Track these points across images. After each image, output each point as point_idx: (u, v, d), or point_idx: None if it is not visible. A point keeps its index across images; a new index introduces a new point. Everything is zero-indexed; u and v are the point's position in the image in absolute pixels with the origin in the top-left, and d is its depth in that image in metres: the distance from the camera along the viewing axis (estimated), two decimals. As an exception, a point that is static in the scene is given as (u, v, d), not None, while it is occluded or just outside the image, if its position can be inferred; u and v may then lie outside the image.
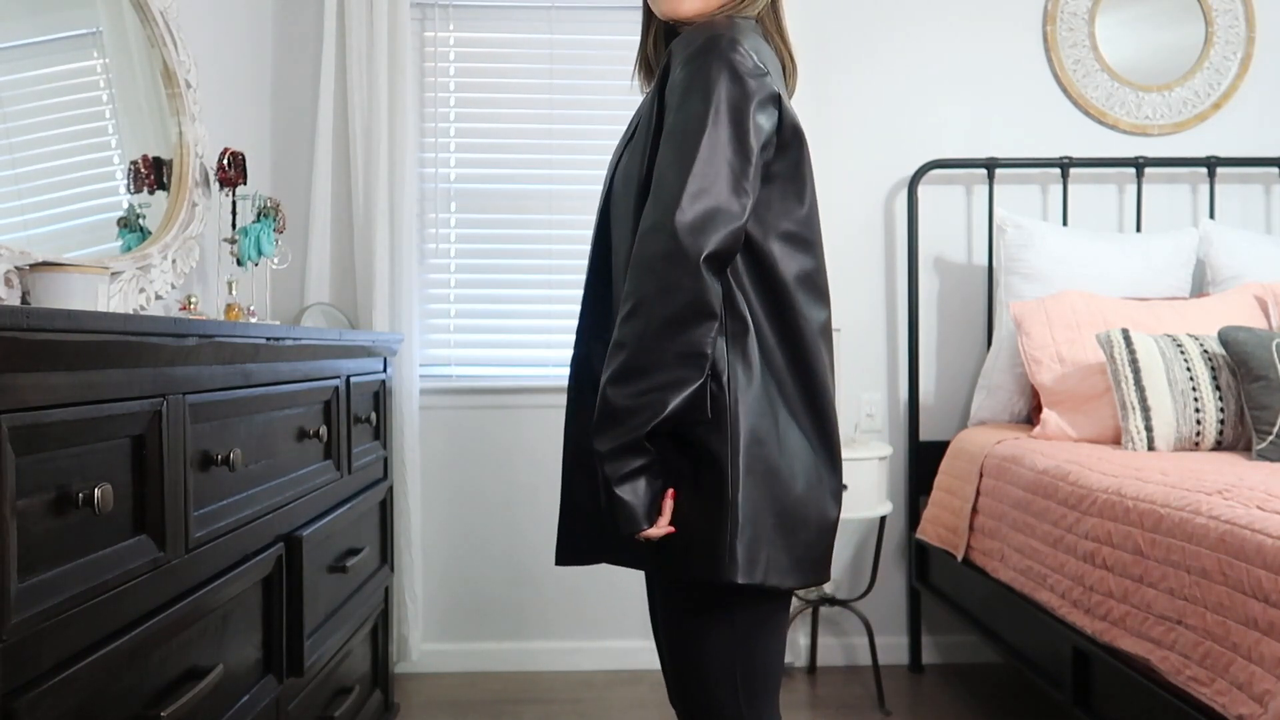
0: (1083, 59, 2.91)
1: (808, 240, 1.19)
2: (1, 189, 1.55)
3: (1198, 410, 2.11)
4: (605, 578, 2.72)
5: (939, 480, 2.62)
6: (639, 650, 2.74)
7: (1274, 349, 2.03)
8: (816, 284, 1.19)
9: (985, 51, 2.92)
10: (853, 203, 2.91)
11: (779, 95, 1.14)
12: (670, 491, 1.12)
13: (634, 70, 1.36)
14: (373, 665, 2.20)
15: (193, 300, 1.94)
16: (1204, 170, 2.86)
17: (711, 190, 1.06)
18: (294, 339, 1.56)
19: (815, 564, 1.15)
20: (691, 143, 1.07)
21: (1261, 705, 1.25)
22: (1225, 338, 2.11)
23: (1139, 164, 2.83)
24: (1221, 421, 2.11)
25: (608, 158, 1.35)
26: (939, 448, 2.71)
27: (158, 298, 1.90)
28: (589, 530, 1.25)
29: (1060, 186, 2.87)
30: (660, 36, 1.30)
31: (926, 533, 2.61)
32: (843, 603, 2.68)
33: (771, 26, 1.25)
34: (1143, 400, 2.12)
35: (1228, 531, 1.39)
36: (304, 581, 1.58)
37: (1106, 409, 2.28)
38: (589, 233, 1.31)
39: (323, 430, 1.72)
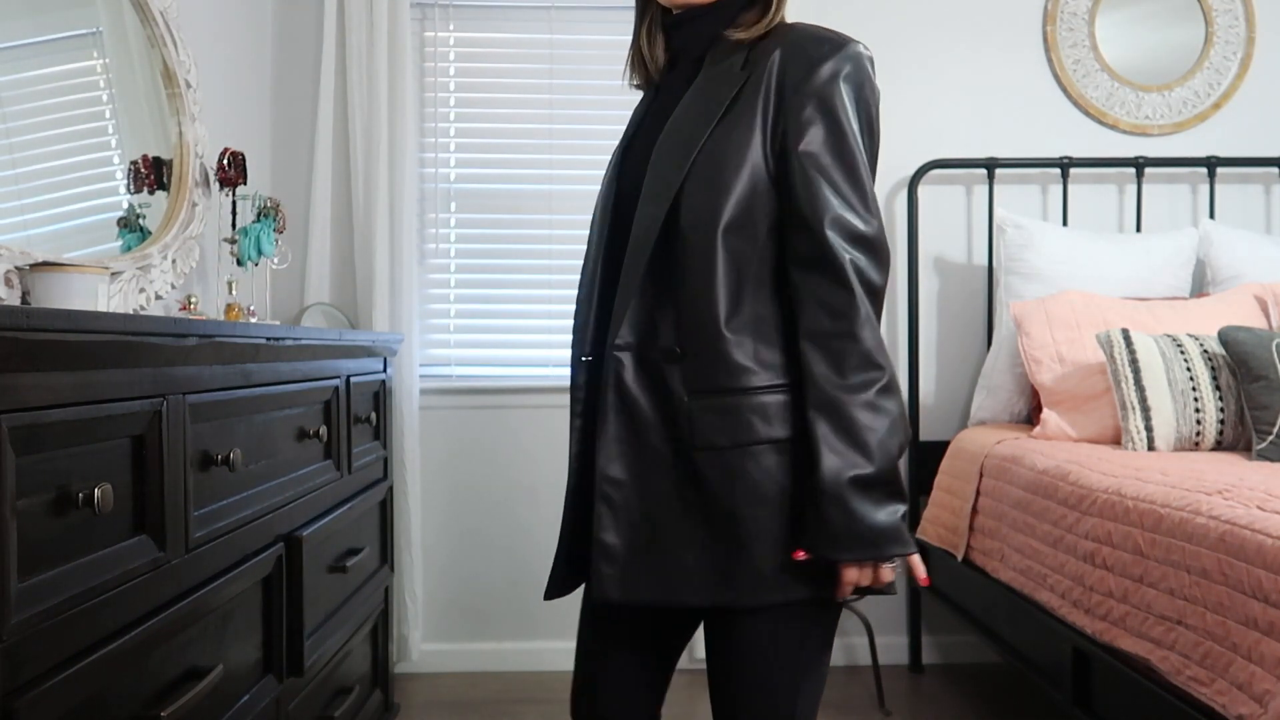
0: (1083, 59, 2.91)
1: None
2: (1, 189, 1.55)
3: (1198, 410, 2.11)
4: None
5: (939, 480, 2.62)
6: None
7: (1274, 349, 2.03)
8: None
9: (985, 51, 2.92)
10: (853, 203, 2.90)
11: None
12: None
13: (626, 67, 1.26)
14: (373, 665, 2.20)
15: (193, 300, 1.94)
16: (1204, 170, 2.86)
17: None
18: (294, 339, 1.56)
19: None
20: (859, 160, 1.11)
21: (1261, 705, 1.25)
22: (1225, 338, 2.10)
23: (1139, 164, 2.83)
24: (1221, 421, 2.11)
25: (607, 157, 1.27)
26: (939, 448, 2.70)
27: (158, 298, 1.90)
28: (642, 569, 1.10)
29: (1060, 186, 2.87)
30: (656, 28, 1.20)
31: (926, 533, 2.61)
32: (843, 603, 2.67)
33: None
34: (1143, 400, 2.12)
35: (1228, 531, 1.39)
36: (304, 581, 1.58)
37: (1106, 409, 2.28)
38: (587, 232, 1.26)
39: (323, 430, 1.72)
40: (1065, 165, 2.83)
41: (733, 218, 1.06)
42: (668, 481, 1.10)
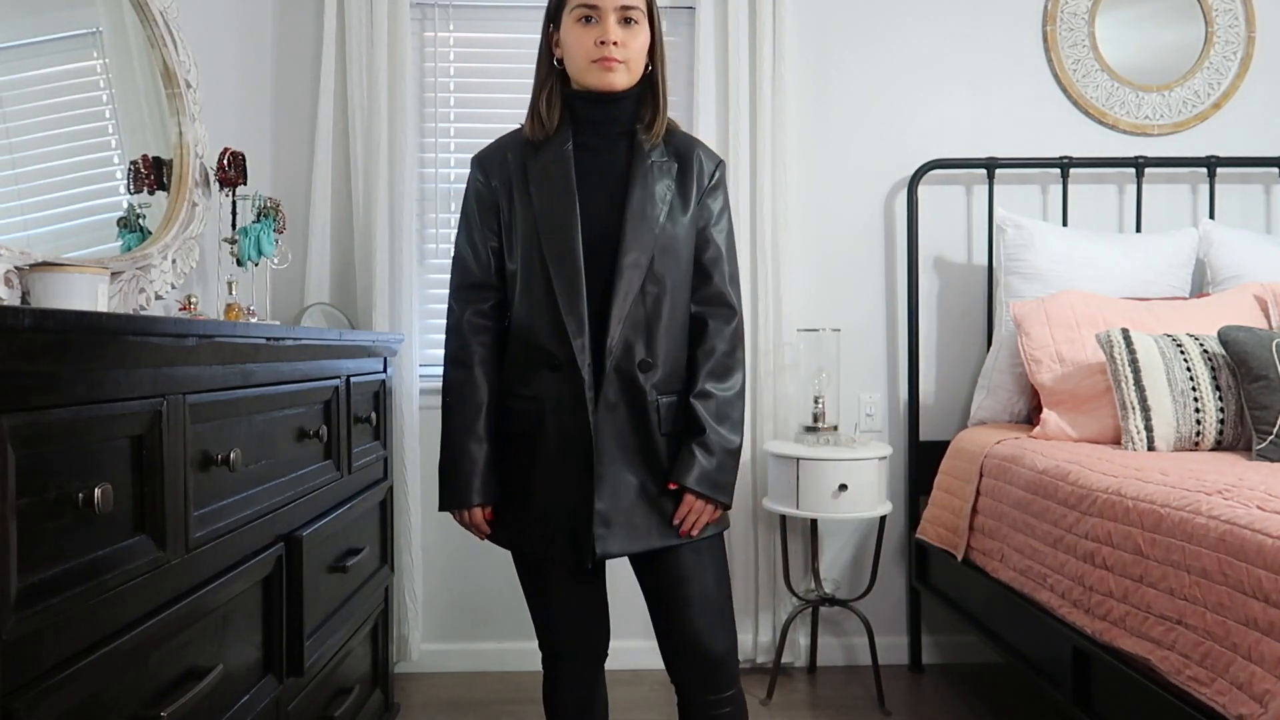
0: (1083, 59, 2.92)
1: None
2: (1, 189, 1.55)
3: (1198, 410, 2.11)
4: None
5: (939, 480, 2.62)
6: (639, 650, 2.74)
7: (1274, 349, 2.03)
8: None
9: (985, 51, 2.92)
10: (853, 203, 2.91)
11: None
12: None
13: (528, 123, 1.52)
14: (373, 665, 2.20)
15: (193, 300, 1.94)
16: (1204, 170, 2.86)
17: None
18: (294, 339, 1.56)
19: None
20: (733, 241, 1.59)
21: (1261, 705, 1.25)
22: (1225, 338, 2.10)
23: (1139, 164, 2.84)
24: (1221, 421, 2.11)
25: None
26: (939, 448, 2.71)
27: (158, 298, 1.90)
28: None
29: (1060, 186, 2.87)
30: (555, 96, 1.51)
31: (926, 533, 2.61)
32: (843, 603, 2.68)
33: None
34: (1143, 400, 2.12)
35: (1228, 531, 1.39)
36: (304, 581, 1.58)
37: (1106, 409, 2.28)
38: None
39: (323, 430, 1.72)
40: (1065, 165, 2.83)
41: (687, 280, 1.52)
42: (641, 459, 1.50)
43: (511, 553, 1.58)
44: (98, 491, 0.94)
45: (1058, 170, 2.86)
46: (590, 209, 1.46)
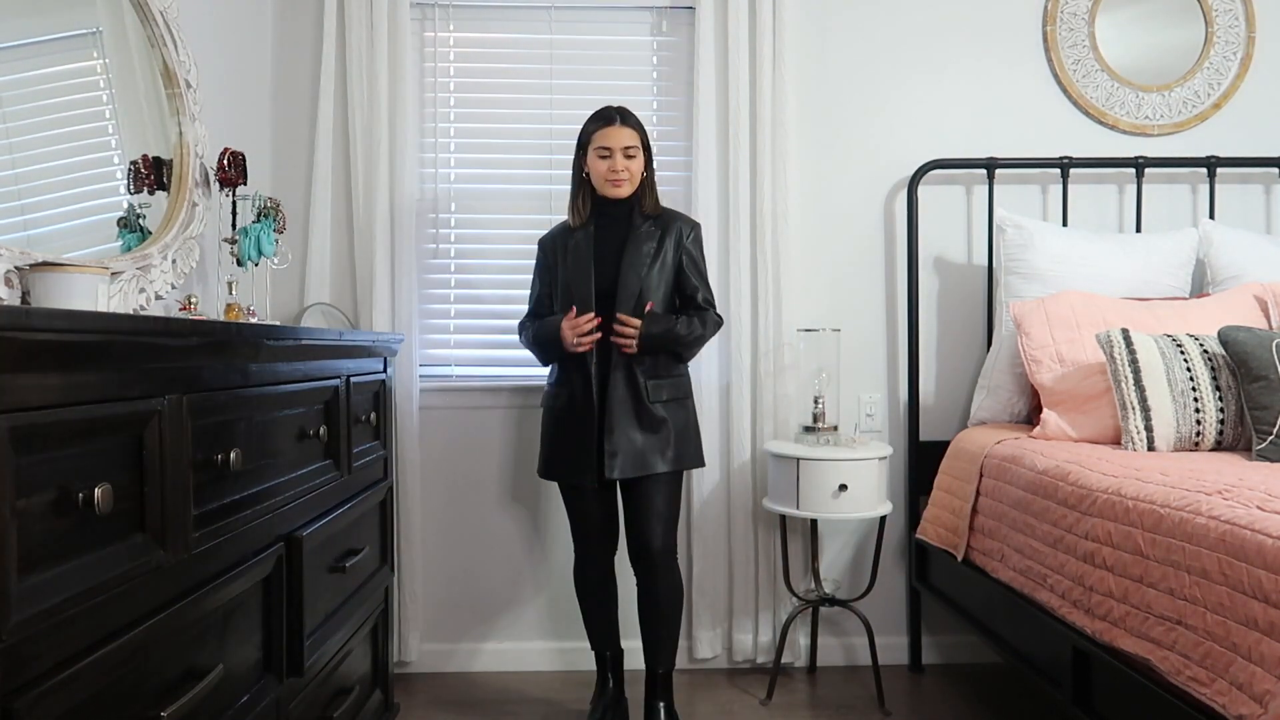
0: (1083, 59, 2.92)
1: None
2: (1, 189, 1.55)
3: (1198, 410, 2.11)
4: (605, 578, 2.71)
5: (939, 480, 2.62)
6: (639, 650, 2.74)
7: (1274, 349, 2.03)
8: None
9: (985, 52, 2.92)
10: (853, 203, 2.91)
11: None
12: None
13: (571, 214, 2.38)
14: (373, 665, 2.20)
15: (193, 300, 1.94)
16: (1204, 170, 2.86)
17: None
18: (294, 339, 1.56)
19: None
20: (706, 269, 2.43)
21: (1261, 705, 1.25)
22: (1225, 338, 2.10)
23: (1139, 164, 2.84)
24: (1221, 421, 2.11)
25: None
26: (939, 448, 2.71)
27: (158, 298, 1.90)
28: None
29: (1060, 186, 2.87)
30: (587, 198, 2.35)
31: (926, 533, 2.61)
32: (843, 603, 2.68)
33: None
34: (1143, 400, 2.12)
35: (1228, 531, 1.39)
36: (304, 581, 1.58)
37: (1106, 409, 2.28)
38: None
39: (323, 430, 1.72)
40: (1065, 165, 2.83)
41: (668, 305, 2.35)
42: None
43: (558, 483, 2.39)
44: (98, 491, 0.94)
45: (1058, 170, 2.86)
46: (604, 266, 2.30)
